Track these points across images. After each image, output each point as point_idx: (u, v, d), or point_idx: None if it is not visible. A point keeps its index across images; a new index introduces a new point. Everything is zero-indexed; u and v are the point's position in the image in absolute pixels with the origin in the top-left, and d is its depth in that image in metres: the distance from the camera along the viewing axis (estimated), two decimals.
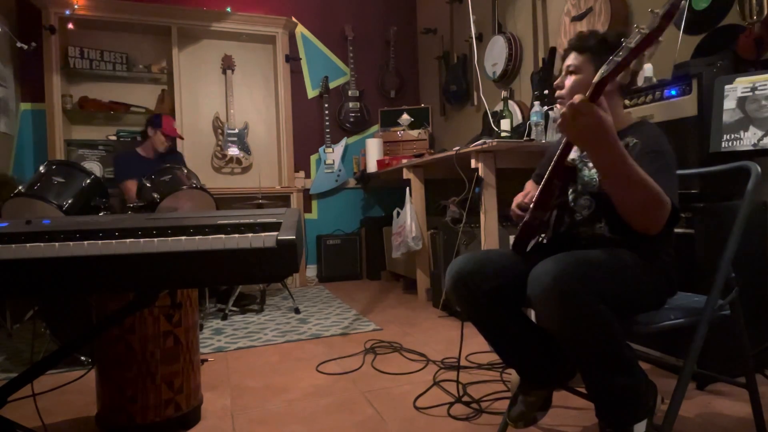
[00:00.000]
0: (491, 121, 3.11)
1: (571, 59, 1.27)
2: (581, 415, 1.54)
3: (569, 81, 1.27)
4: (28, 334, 2.65)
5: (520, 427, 1.29)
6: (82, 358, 2.10)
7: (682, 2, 0.89)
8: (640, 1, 2.41)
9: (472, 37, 3.54)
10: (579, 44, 1.26)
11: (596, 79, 0.98)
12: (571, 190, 1.26)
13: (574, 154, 1.27)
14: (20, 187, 2.10)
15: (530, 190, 1.44)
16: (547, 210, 1.20)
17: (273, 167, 4.41)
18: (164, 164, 2.74)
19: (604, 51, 1.19)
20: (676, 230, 1.70)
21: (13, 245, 0.82)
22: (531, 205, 1.20)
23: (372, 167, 4.09)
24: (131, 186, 3.04)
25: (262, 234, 0.85)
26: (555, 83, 1.33)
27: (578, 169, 1.25)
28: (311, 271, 4.58)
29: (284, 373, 2.04)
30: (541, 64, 3.00)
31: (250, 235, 0.85)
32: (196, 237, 0.85)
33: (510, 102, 3.15)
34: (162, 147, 3.32)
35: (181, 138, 3.48)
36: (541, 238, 1.25)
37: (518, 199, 1.37)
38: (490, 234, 2.49)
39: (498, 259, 1.25)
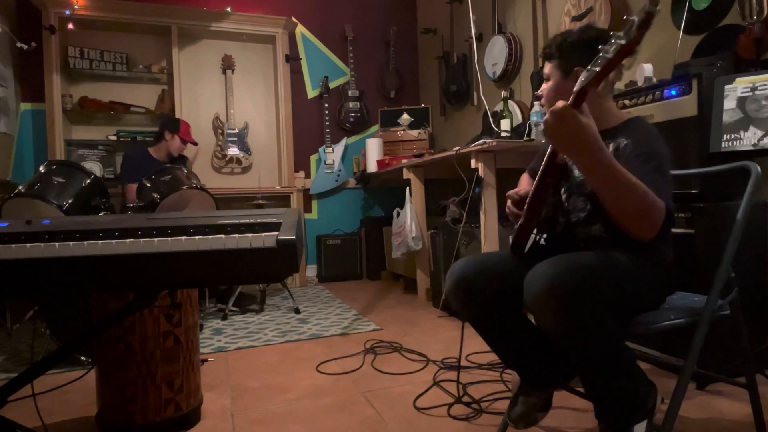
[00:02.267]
0: (491, 121, 3.11)
1: (545, 67, 1.29)
2: (581, 415, 1.54)
3: (544, 89, 1.29)
4: (28, 334, 2.65)
5: (521, 427, 1.29)
6: (82, 358, 2.10)
7: (657, 9, 0.86)
8: (640, 1, 2.41)
9: (472, 37, 3.54)
10: (545, 51, 1.28)
11: (576, 87, 0.97)
12: (563, 189, 1.26)
13: None
14: (20, 187, 2.10)
15: (525, 185, 1.45)
16: (542, 210, 1.20)
17: (273, 167, 4.41)
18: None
19: (566, 53, 1.21)
20: (676, 230, 1.71)
21: (13, 245, 0.82)
22: (525, 207, 1.20)
23: (372, 167, 4.09)
24: (133, 188, 3.03)
25: (262, 234, 0.85)
26: (538, 92, 1.33)
27: (570, 169, 1.25)
28: (311, 271, 4.58)
29: (284, 373, 2.04)
30: (541, 64, 3.00)
31: (250, 235, 0.85)
32: (196, 237, 0.85)
33: (510, 102, 3.15)
34: (177, 152, 3.32)
35: (195, 144, 3.49)
36: (539, 238, 1.25)
37: (511, 193, 1.37)
38: (490, 234, 2.49)
39: (498, 263, 1.26)
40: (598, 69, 0.93)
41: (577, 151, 0.99)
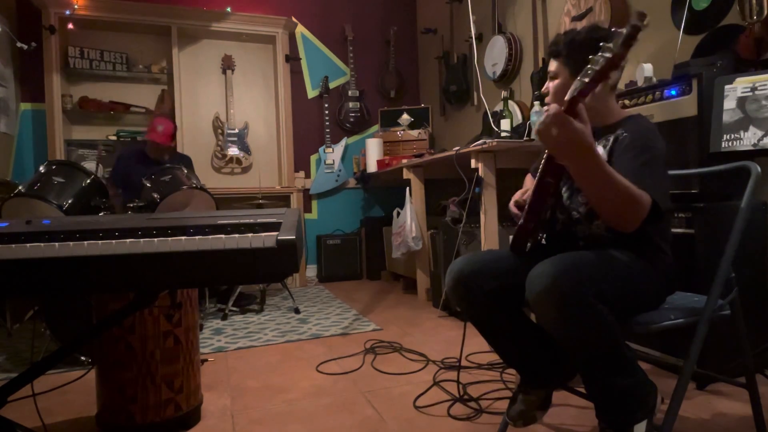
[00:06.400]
0: (491, 121, 3.11)
1: (551, 65, 1.29)
2: (581, 414, 1.54)
3: (551, 86, 1.29)
4: (28, 334, 2.65)
5: (520, 426, 1.29)
6: (82, 358, 2.10)
7: (645, 23, 0.88)
8: (639, 1, 2.41)
9: (472, 37, 3.54)
10: (552, 49, 1.28)
11: (567, 97, 0.97)
12: (565, 188, 1.26)
13: None
14: (20, 187, 2.10)
15: (529, 186, 1.44)
16: (542, 210, 1.20)
17: (273, 167, 4.41)
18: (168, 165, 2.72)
19: (574, 52, 1.20)
20: (676, 230, 1.71)
21: (13, 245, 0.82)
22: (525, 207, 1.20)
23: (372, 167, 4.09)
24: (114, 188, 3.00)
25: (262, 234, 0.85)
26: (542, 90, 1.34)
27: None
28: (311, 271, 4.58)
29: (284, 373, 2.04)
30: (541, 64, 3.00)
31: (250, 235, 0.85)
32: (196, 237, 0.85)
33: (510, 102, 3.15)
34: (153, 155, 3.12)
35: (169, 146, 3.19)
36: (540, 238, 1.25)
37: (516, 196, 1.38)
38: (490, 234, 2.49)
39: (498, 260, 1.26)
40: (587, 80, 0.94)
41: (568, 154, 1.00)
